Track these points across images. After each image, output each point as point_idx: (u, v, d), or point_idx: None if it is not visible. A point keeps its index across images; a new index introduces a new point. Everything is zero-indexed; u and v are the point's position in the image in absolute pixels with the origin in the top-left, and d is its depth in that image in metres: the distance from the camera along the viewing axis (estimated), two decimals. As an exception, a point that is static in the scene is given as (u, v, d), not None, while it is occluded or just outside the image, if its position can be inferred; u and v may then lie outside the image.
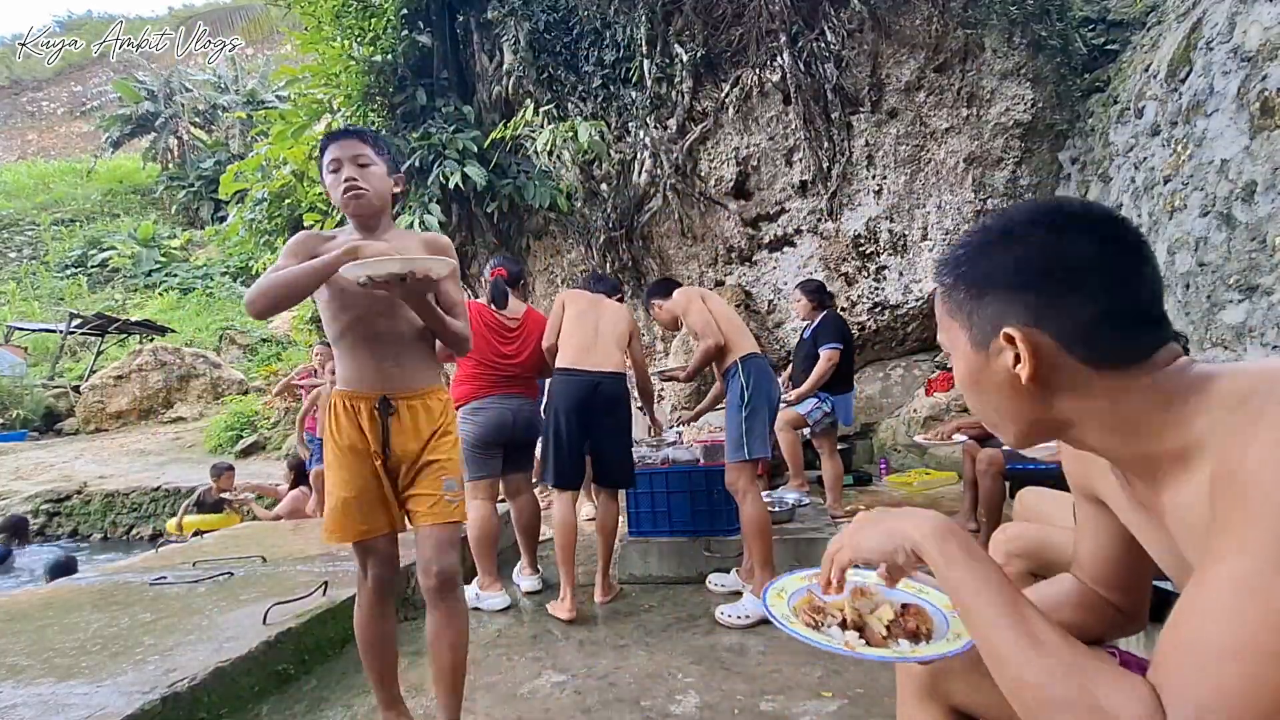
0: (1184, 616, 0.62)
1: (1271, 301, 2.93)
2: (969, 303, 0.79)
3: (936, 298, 0.86)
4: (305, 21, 7.25)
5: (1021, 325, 0.73)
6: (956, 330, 0.81)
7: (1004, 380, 0.77)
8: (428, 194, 6.42)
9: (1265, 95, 3.04)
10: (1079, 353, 0.72)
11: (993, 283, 0.76)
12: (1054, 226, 0.74)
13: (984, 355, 0.78)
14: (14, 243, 21.56)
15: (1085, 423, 0.76)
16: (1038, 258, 0.74)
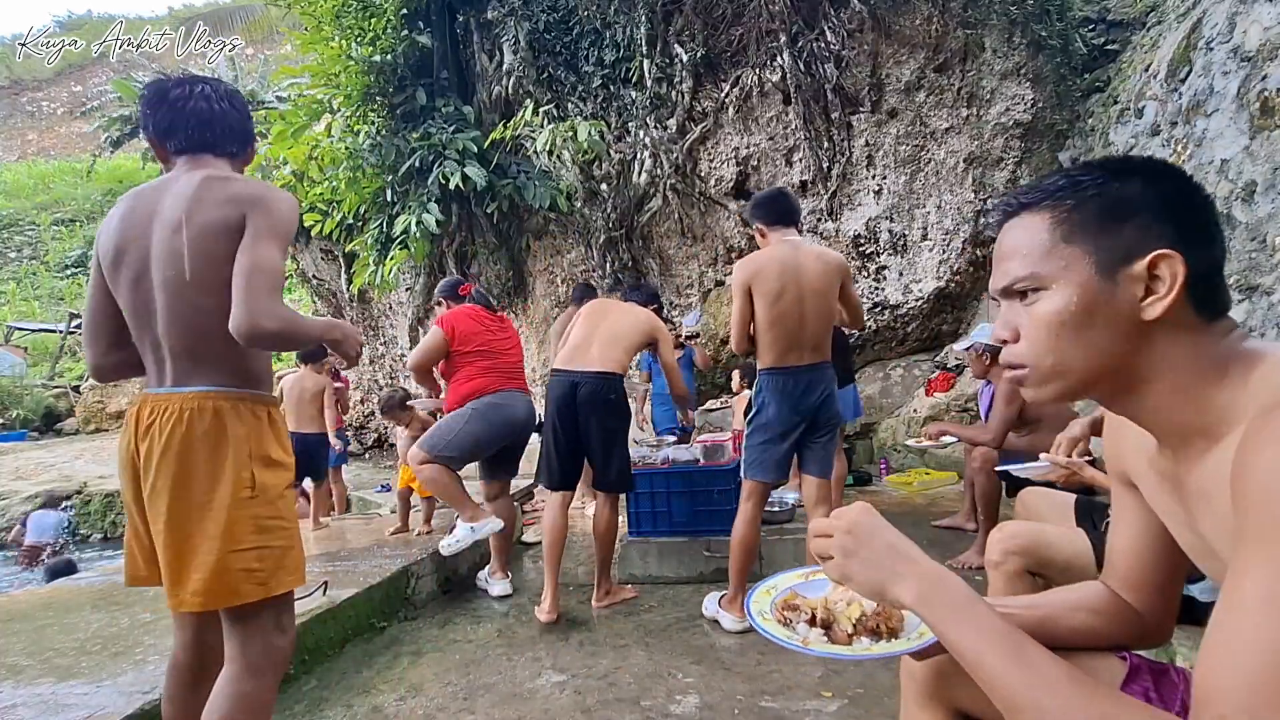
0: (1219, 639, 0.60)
1: (1271, 301, 2.93)
2: (1100, 227, 0.73)
3: (1030, 225, 0.77)
4: (305, 21, 7.25)
5: (1171, 250, 0.70)
6: (1074, 255, 0.73)
7: (1123, 313, 0.72)
8: (427, 194, 6.42)
9: (1265, 95, 3.04)
10: (1197, 294, 0.71)
11: (1135, 208, 0.72)
12: (1184, 176, 0.75)
13: (1109, 283, 0.72)
14: (14, 243, 21.57)
15: (1163, 377, 0.73)
16: (1178, 194, 0.73)
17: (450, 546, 3.19)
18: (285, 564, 1.44)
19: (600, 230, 6.71)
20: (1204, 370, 0.71)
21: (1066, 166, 0.86)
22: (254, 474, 1.41)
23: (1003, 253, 0.80)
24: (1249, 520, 0.60)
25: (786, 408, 2.63)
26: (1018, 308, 0.78)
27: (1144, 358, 0.72)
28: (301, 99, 7.31)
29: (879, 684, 2.17)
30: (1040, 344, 0.75)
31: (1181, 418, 0.73)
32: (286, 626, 1.48)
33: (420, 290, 8.18)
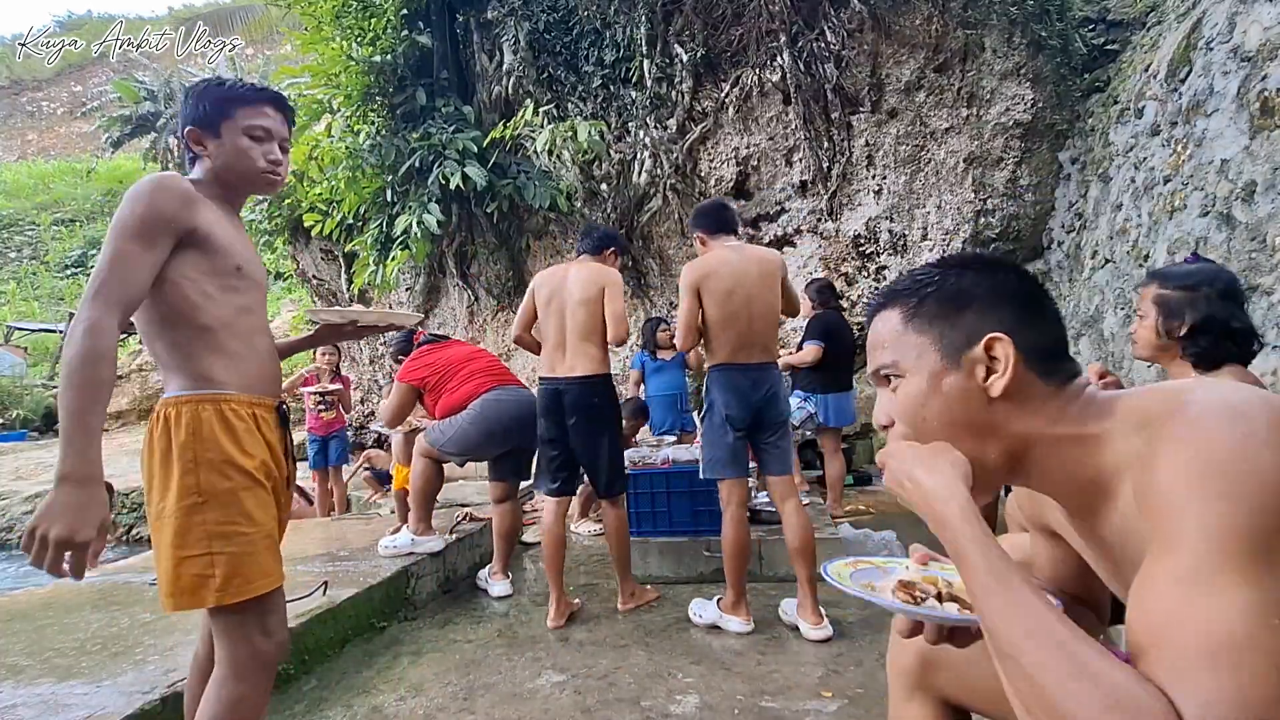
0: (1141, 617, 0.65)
1: (1271, 301, 2.93)
2: (942, 316, 0.83)
3: (887, 319, 0.87)
4: (305, 22, 7.25)
5: (1003, 333, 0.79)
6: (922, 344, 0.83)
7: (973, 392, 0.80)
8: (427, 194, 6.42)
9: (1265, 95, 3.04)
10: (1037, 368, 0.79)
11: (970, 298, 0.82)
12: (1012, 266, 0.86)
13: (955, 366, 0.81)
14: (14, 243, 21.57)
15: (1033, 446, 0.80)
16: (1009, 283, 0.83)
17: (387, 548, 3.30)
18: (244, 570, 1.36)
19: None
20: (1068, 432, 0.79)
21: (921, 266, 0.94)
22: (199, 480, 1.35)
23: (870, 344, 0.90)
24: (1154, 522, 0.67)
25: (735, 403, 2.72)
26: (887, 394, 0.88)
27: (1007, 432, 0.80)
28: (302, 99, 7.31)
29: (879, 684, 2.17)
30: (909, 425, 0.85)
31: (1067, 480, 0.80)
32: (272, 629, 1.43)
33: (420, 290, 8.18)
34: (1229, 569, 0.60)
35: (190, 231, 1.37)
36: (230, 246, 1.44)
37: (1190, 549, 0.62)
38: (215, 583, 1.34)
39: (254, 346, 1.48)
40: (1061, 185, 5.69)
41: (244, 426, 1.42)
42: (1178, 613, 0.61)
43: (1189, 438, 0.66)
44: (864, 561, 1.07)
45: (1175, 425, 0.69)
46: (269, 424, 1.49)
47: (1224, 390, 0.70)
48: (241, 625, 1.39)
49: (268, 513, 1.44)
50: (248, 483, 1.40)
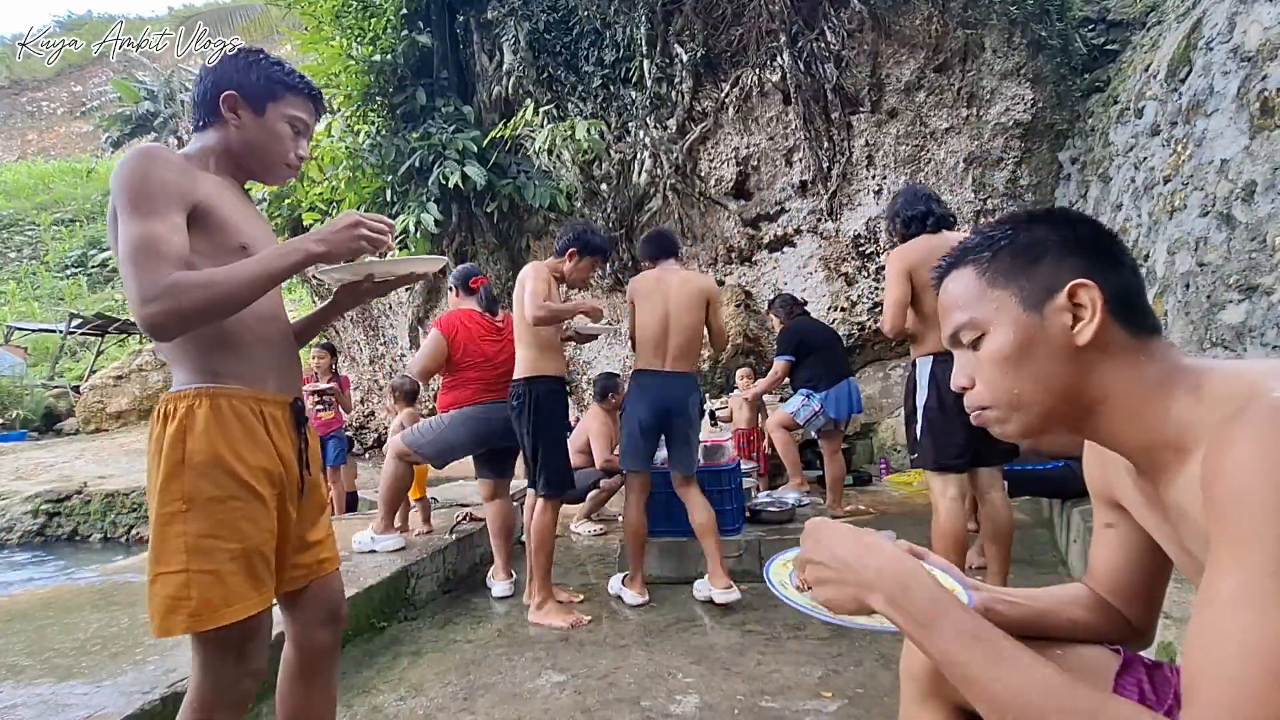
0: (1202, 642, 0.62)
1: (1271, 301, 2.93)
2: (1019, 268, 0.80)
3: (961, 278, 0.85)
4: (305, 21, 7.26)
5: (1086, 278, 0.76)
6: (1002, 297, 0.80)
7: (1056, 344, 0.77)
8: (427, 193, 6.42)
9: (1265, 95, 3.04)
10: (1122, 315, 0.77)
11: (1045, 249, 0.80)
12: (1084, 217, 0.83)
13: (1038, 318, 0.78)
14: (14, 243, 21.57)
15: (1113, 400, 0.77)
16: (1084, 233, 0.80)
17: (359, 544, 3.37)
18: (218, 592, 1.18)
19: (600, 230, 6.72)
20: (1150, 388, 0.76)
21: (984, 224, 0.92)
22: (185, 485, 1.19)
23: (945, 308, 0.87)
24: (1219, 522, 0.63)
25: (645, 404, 3.03)
26: (968, 355, 0.84)
27: (1090, 382, 0.78)
28: (301, 99, 7.31)
29: (879, 684, 2.17)
30: (994, 382, 0.81)
31: (1140, 438, 0.77)
32: (250, 656, 1.27)
33: (420, 290, 8.18)
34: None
35: (193, 205, 1.22)
36: (233, 223, 1.29)
37: (1255, 567, 0.59)
38: (189, 606, 1.17)
39: (264, 336, 1.31)
40: (1061, 185, 5.69)
41: (243, 426, 1.25)
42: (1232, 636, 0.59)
43: (1265, 433, 0.62)
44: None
45: (1253, 414, 0.64)
46: (279, 424, 1.32)
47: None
48: (217, 653, 1.24)
49: (259, 527, 1.25)
50: (240, 491, 1.22)
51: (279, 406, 1.33)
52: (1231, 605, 0.60)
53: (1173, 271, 3.66)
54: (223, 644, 1.23)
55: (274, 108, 1.34)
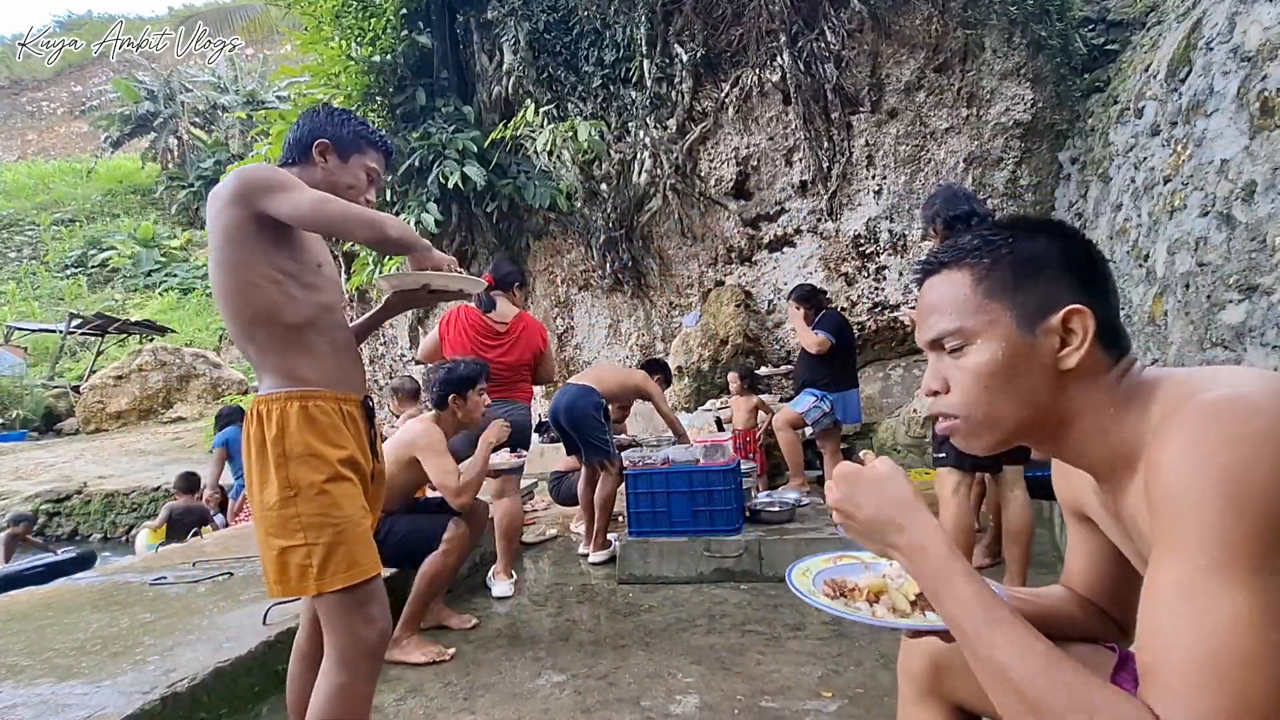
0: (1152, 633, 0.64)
1: (1271, 301, 2.93)
2: (1016, 282, 0.78)
3: (952, 281, 0.82)
4: (305, 21, 7.26)
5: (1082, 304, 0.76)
6: (996, 311, 0.78)
7: (1041, 365, 0.77)
8: (427, 194, 6.43)
9: (1265, 95, 3.03)
10: (1105, 340, 0.77)
11: (1043, 265, 0.78)
12: (1080, 235, 0.82)
13: (1030, 336, 0.77)
14: (14, 243, 21.55)
15: (1082, 419, 0.78)
16: (1079, 251, 0.80)
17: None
18: (334, 560, 1.43)
19: (600, 230, 6.71)
20: (1114, 406, 0.77)
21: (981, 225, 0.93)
22: (290, 474, 1.43)
23: (926, 308, 0.85)
24: (1156, 519, 0.66)
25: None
26: (945, 360, 0.83)
27: (1064, 403, 0.78)
28: (302, 99, 7.32)
29: (879, 684, 2.17)
30: (971, 395, 0.80)
31: (1103, 453, 0.79)
32: (375, 617, 1.48)
33: (420, 290, 8.18)
34: (1225, 580, 0.59)
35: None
36: (313, 245, 1.56)
37: (1187, 558, 0.61)
38: (313, 571, 1.42)
39: (336, 343, 1.56)
40: (1061, 185, 5.69)
41: (329, 421, 1.48)
42: (1174, 629, 0.61)
43: (1193, 431, 0.65)
44: (848, 556, 1.05)
45: (1183, 415, 0.67)
46: (355, 419, 1.56)
47: (1247, 380, 0.68)
48: (344, 614, 1.45)
49: (355, 504, 1.49)
50: (334, 475, 1.46)
51: (354, 404, 1.57)
52: (1168, 597, 0.62)
53: (1173, 271, 3.66)
54: (350, 604, 1.45)
55: (356, 159, 1.63)
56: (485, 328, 3.43)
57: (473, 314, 3.45)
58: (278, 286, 1.45)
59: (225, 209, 1.43)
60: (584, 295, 7.38)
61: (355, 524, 1.48)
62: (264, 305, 1.45)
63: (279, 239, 1.46)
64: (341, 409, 1.53)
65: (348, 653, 1.45)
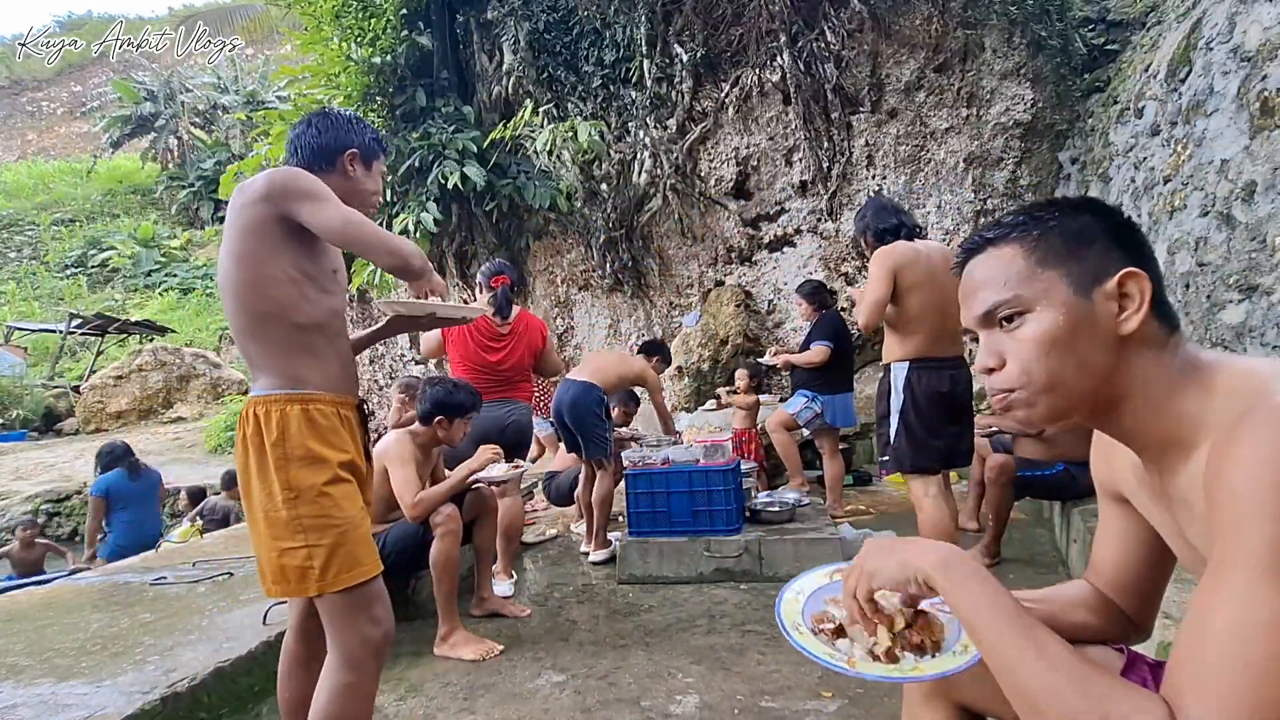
0: (1189, 631, 0.64)
1: (1271, 301, 2.93)
2: (1070, 249, 0.79)
3: (1003, 255, 0.82)
4: (305, 22, 7.26)
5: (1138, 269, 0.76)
6: (1052, 278, 0.78)
7: (1102, 330, 0.77)
8: (427, 194, 6.42)
9: (1265, 95, 3.03)
10: (1160, 309, 0.77)
11: (1094, 233, 0.79)
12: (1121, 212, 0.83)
13: (1087, 303, 0.77)
14: (14, 243, 21.56)
15: (1137, 392, 0.77)
16: (1124, 224, 0.81)
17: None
18: (336, 560, 1.44)
19: (600, 230, 6.71)
20: (1170, 382, 0.76)
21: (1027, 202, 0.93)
22: (290, 477, 1.43)
23: (975, 285, 0.84)
24: (1217, 519, 0.65)
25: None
26: (999, 336, 0.82)
27: (1122, 373, 0.78)
28: (301, 99, 7.32)
29: (879, 684, 2.17)
30: (1031, 364, 0.79)
31: (1156, 430, 0.78)
32: (379, 617, 1.51)
33: (420, 290, 8.18)
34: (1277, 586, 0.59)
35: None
36: (330, 250, 1.58)
37: (1247, 566, 0.61)
38: (314, 573, 1.43)
39: (339, 348, 1.58)
40: (1061, 185, 5.69)
41: (329, 425, 1.49)
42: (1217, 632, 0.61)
43: (1266, 437, 0.63)
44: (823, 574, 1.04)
45: (1256, 416, 0.65)
46: (351, 422, 1.58)
47: None
48: (348, 614, 1.46)
49: (356, 505, 1.51)
50: (334, 477, 1.47)
51: (350, 408, 1.58)
52: (1218, 599, 0.62)
53: (1173, 271, 3.66)
54: (354, 604, 1.46)
55: (375, 164, 1.70)
56: (489, 329, 3.42)
57: (483, 321, 3.44)
58: (295, 286, 1.46)
59: (252, 204, 1.43)
60: (584, 295, 7.38)
61: (356, 525, 1.49)
62: (278, 302, 1.45)
63: (302, 241, 1.48)
64: (339, 412, 1.54)
65: (354, 652, 1.46)
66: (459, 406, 2.85)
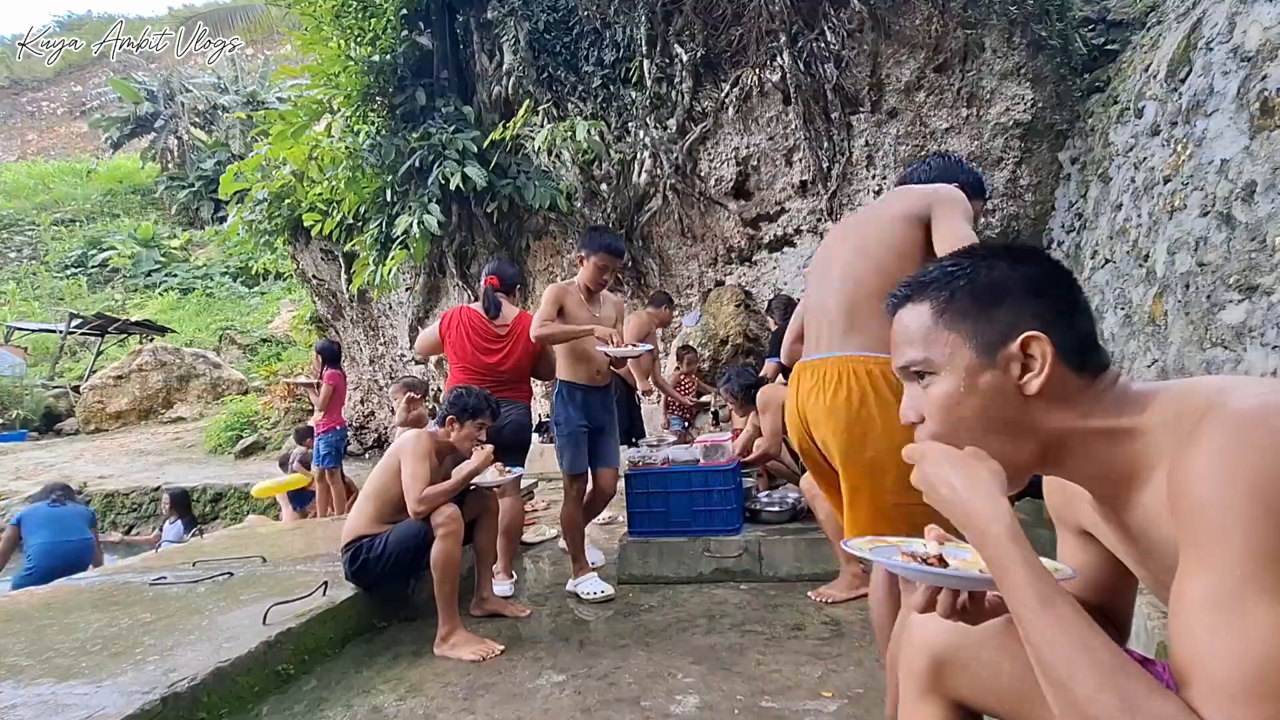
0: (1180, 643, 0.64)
1: (1271, 301, 2.93)
2: (975, 312, 0.80)
3: (917, 313, 0.84)
4: (305, 22, 7.25)
5: (1039, 330, 0.77)
6: (955, 341, 0.80)
7: (1008, 389, 0.78)
8: (427, 194, 6.42)
9: (1265, 95, 3.03)
10: (1072, 362, 0.78)
11: (1003, 292, 0.80)
12: (1046, 257, 0.84)
13: (990, 363, 0.78)
14: (14, 243, 21.57)
15: (1068, 438, 0.79)
16: (1041, 275, 0.81)
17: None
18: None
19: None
20: (1101, 426, 0.77)
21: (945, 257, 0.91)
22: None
23: (896, 338, 0.87)
24: (1187, 530, 0.66)
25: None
26: (918, 390, 0.85)
27: (1042, 427, 0.79)
28: (301, 99, 7.31)
29: (879, 684, 2.17)
30: (942, 424, 0.82)
31: (1097, 469, 0.79)
32: None
33: (420, 290, 8.18)
34: (1262, 591, 0.59)
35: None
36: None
37: (1221, 568, 0.61)
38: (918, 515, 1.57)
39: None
40: (1061, 185, 5.69)
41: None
42: (1211, 641, 0.61)
43: (1223, 441, 0.64)
44: (881, 540, 1.06)
45: (1210, 425, 0.66)
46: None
47: (1265, 389, 0.68)
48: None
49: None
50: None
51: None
52: (1200, 607, 0.62)
53: (1173, 271, 3.66)
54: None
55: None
56: (487, 331, 3.42)
57: (474, 316, 3.44)
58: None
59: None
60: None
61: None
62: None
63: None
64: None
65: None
66: (471, 410, 2.88)
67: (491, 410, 2.95)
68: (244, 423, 11.08)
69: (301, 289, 11.93)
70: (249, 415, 11.25)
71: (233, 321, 16.73)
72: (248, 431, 10.86)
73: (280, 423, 10.77)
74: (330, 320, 10.29)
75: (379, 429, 10.07)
